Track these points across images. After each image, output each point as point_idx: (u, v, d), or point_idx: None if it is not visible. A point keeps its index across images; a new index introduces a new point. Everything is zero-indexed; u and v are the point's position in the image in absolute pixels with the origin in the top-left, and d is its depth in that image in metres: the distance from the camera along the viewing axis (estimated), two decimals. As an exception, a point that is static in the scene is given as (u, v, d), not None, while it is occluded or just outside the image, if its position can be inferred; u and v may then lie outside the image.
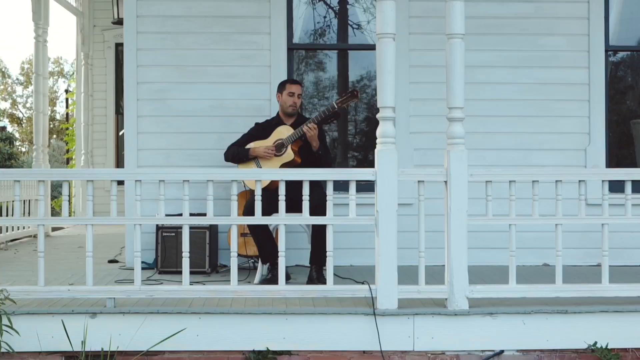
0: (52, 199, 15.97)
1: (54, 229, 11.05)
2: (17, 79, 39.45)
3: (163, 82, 7.06)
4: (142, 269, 6.69)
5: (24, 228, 10.01)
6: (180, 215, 5.25)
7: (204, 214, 5.24)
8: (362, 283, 5.27)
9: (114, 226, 8.02)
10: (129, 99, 7.01)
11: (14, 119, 37.61)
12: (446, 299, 5.13)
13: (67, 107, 17.20)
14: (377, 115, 5.10)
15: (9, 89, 39.26)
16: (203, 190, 5.18)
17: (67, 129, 16.08)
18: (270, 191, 5.83)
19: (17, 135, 34.02)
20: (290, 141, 6.17)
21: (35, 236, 10.14)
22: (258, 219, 5.22)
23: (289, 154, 6.17)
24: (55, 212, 14.99)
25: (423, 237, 5.16)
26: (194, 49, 7.07)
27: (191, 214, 6.26)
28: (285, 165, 6.16)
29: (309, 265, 6.12)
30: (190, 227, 5.78)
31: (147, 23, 7.04)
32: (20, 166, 20.25)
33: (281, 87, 6.39)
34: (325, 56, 7.53)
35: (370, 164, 7.39)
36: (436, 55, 6.91)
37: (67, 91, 18.62)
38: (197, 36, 7.07)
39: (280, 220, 5.17)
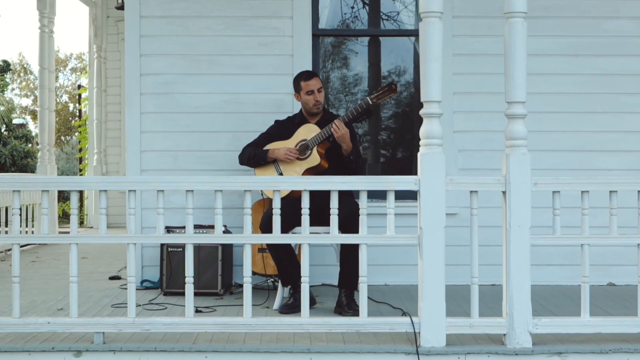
0: (60, 202, 15.42)
1: (60, 236, 10.42)
2: (39, 74, 39.03)
3: (170, 74, 6.32)
4: (147, 288, 6.00)
5: (26, 233, 9.38)
6: (184, 228, 4.40)
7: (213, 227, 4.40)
8: (403, 314, 4.44)
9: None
10: (131, 93, 6.31)
11: (36, 116, 37.16)
12: (504, 334, 4.29)
13: (79, 103, 16.52)
14: (421, 112, 4.35)
15: (31, 85, 38.84)
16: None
17: (79, 126, 15.37)
18: (291, 199, 5.00)
19: (38, 131, 33.57)
20: (316, 142, 5.32)
21: (40, 244, 9.44)
22: (277, 237, 4.37)
23: (314, 158, 5.34)
24: (60, 218, 14.42)
25: (477, 258, 4.35)
26: (205, 35, 6.32)
27: (199, 226, 5.52)
28: (310, 170, 5.34)
29: (337, 286, 5.27)
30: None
31: (152, 6, 6.29)
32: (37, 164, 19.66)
33: (296, 86, 5.56)
34: (354, 46, 6.77)
35: (400, 162, 6.72)
36: (483, 42, 6.31)
37: (79, 86, 17.94)
38: (208, 21, 6.31)
39: (303, 239, 4.31)
